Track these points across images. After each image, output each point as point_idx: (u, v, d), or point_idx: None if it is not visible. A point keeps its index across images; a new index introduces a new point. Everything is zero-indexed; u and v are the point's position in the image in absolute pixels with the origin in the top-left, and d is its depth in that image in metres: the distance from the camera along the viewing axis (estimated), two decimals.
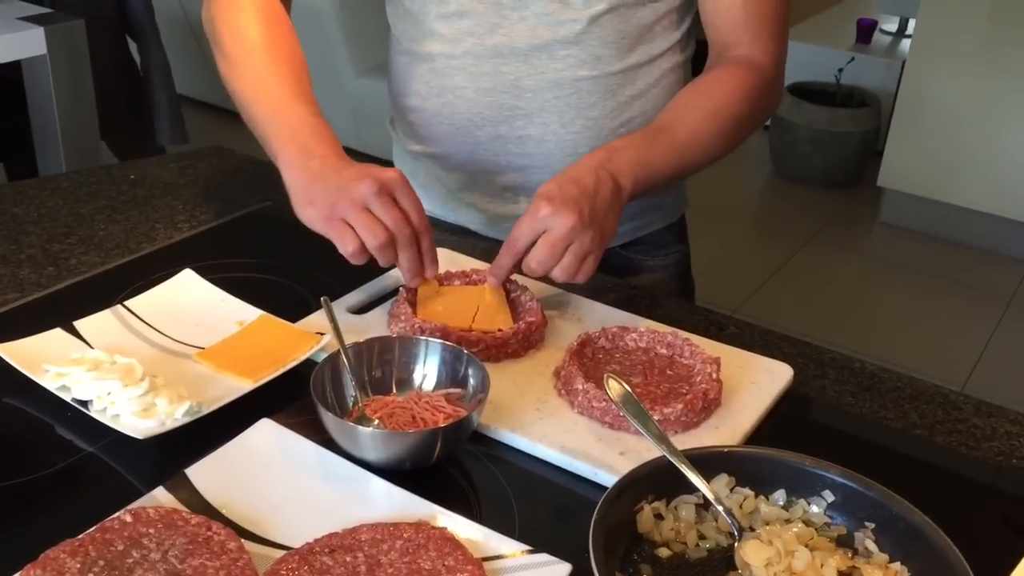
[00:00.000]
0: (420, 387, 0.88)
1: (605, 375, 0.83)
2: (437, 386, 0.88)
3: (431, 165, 1.23)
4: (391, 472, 0.79)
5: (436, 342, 0.89)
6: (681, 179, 1.16)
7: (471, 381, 0.86)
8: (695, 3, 1.17)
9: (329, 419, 0.80)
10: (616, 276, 1.18)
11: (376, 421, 0.84)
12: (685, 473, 0.75)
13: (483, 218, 1.24)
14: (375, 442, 0.80)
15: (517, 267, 0.97)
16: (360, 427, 0.81)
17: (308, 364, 0.91)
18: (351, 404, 0.85)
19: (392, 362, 0.89)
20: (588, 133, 1.14)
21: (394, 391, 0.88)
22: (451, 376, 0.88)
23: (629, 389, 0.82)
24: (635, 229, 1.28)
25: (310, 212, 0.94)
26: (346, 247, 0.91)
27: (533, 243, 0.94)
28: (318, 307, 0.99)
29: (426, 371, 0.89)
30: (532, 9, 1.09)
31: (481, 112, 1.14)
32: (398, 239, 0.93)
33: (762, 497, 0.78)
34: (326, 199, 0.93)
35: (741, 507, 0.77)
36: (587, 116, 1.14)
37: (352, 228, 0.91)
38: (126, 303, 0.99)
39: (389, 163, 1.14)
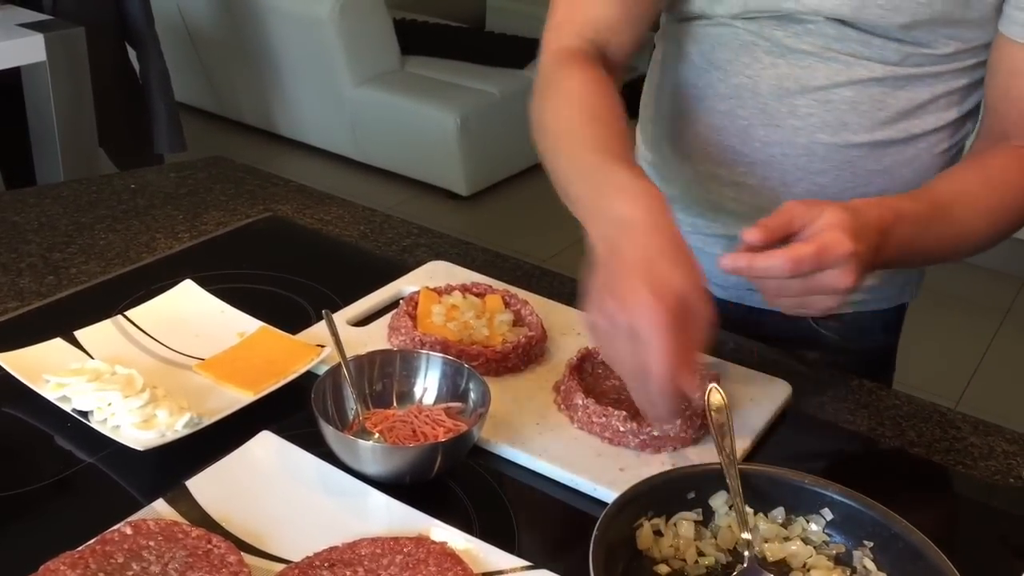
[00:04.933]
0: (421, 401, 0.89)
1: (711, 386, 0.81)
2: (438, 400, 0.88)
3: (653, 174, 1.17)
4: (391, 486, 0.79)
5: (437, 356, 0.89)
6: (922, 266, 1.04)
7: (471, 395, 0.87)
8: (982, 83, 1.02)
9: (329, 432, 0.80)
10: (787, 337, 1.08)
11: (376, 435, 0.84)
12: (738, 506, 0.76)
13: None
14: (375, 456, 0.80)
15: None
16: (360, 441, 0.81)
17: (309, 376, 0.91)
18: (351, 417, 0.86)
19: (393, 375, 0.89)
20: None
21: (395, 404, 0.88)
22: (452, 390, 0.88)
23: (726, 401, 0.81)
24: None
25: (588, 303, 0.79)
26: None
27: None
28: (318, 319, 0.99)
29: (427, 385, 0.89)
30: (787, 59, 0.99)
31: (704, 148, 1.06)
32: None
33: (761, 515, 0.78)
34: (599, 293, 0.77)
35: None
36: (814, 182, 1.03)
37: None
38: (126, 313, 0.99)
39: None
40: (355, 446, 0.80)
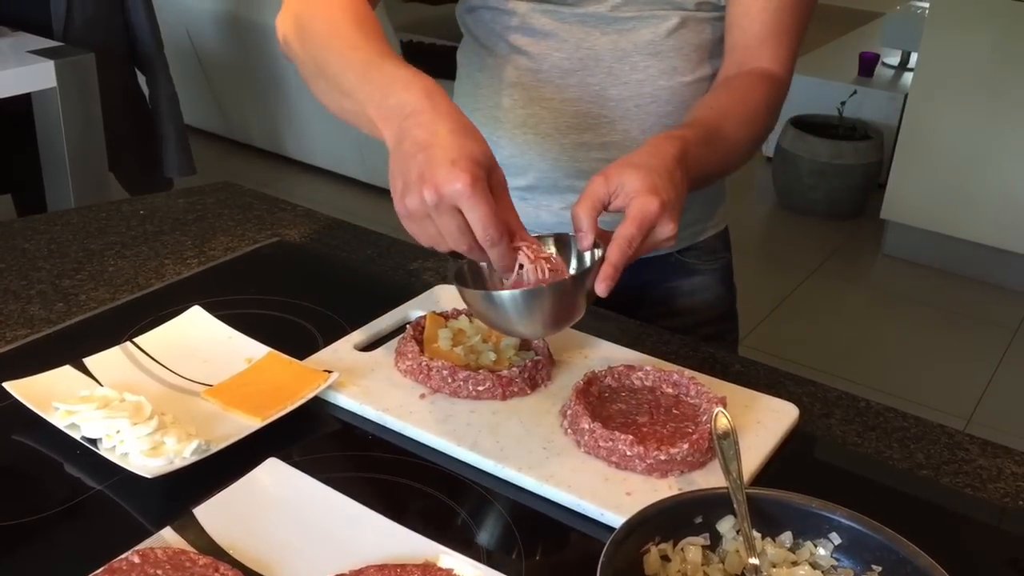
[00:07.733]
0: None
1: (717, 410, 0.86)
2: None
3: (514, 166, 1.24)
4: (397, 511, 0.79)
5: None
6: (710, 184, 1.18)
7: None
8: None
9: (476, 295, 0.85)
10: (672, 279, 1.30)
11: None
12: (745, 531, 0.75)
13: (555, 219, 1.24)
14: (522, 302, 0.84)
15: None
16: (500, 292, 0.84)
17: (316, 402, 0.92)
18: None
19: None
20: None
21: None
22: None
23: (732, 425, 0.84)
24: (693, 235, 1.32)
25: (393, 195, 0.84)
26: (421, 242, 0.86)
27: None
28: (326, 344, 1.00)
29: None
30: (614, 26, 1.15)
31: (567, 121, 1.18)
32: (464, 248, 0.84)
33: (769, 539, 0.78)
34: (399, 180, 0.83)
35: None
36: (664, 124, 1.18)
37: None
38: (135, 340, 0.99)
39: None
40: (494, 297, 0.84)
